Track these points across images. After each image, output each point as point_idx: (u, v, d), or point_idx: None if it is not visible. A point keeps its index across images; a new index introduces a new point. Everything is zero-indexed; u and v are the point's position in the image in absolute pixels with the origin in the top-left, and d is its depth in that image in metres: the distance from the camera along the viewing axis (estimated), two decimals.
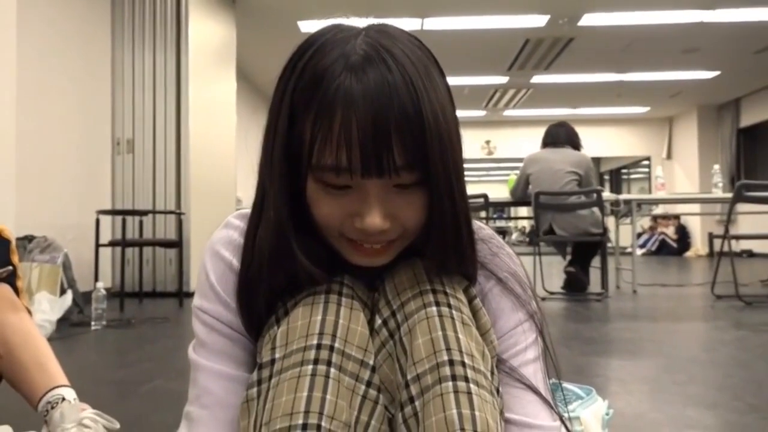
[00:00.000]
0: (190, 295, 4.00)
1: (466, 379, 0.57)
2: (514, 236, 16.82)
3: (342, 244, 0.63)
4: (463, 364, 0.58)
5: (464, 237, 0.62)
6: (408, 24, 6.09)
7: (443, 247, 0.62)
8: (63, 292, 3.26)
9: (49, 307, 2.92)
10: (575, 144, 4.35)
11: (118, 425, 1.16)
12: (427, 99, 0.56)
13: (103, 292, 3.13)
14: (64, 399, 1.15)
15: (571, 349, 2.41)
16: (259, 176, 0.64)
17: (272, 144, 0.62)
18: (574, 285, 4.39)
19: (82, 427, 1.10)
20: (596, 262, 4.41)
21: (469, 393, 0.56)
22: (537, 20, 6.18)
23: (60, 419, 1.10)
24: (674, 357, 2.29)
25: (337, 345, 0.59)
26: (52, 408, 1.13)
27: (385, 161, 0.55)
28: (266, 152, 0.63)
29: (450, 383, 0.56)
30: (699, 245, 10.29)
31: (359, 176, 0.56)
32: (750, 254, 8.98)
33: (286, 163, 0.61)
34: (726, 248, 3.87)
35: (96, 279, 3.67)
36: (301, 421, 0.55)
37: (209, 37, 5.10)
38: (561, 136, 4.35)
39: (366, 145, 0.55)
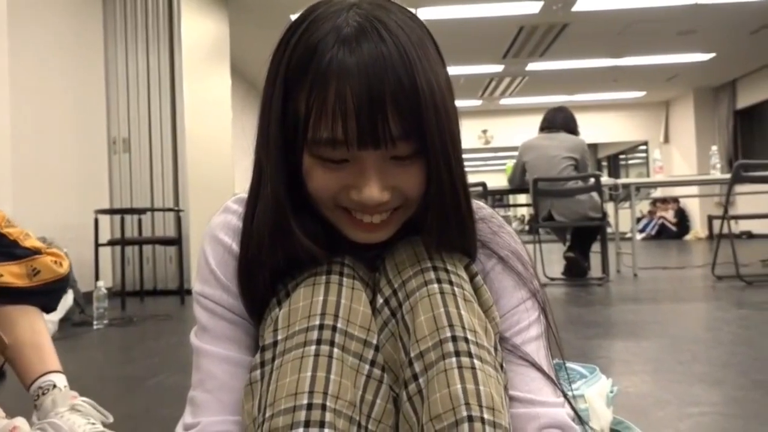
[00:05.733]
0: (191, 292, 3.99)
1: (470, 355, 0.57)
2: (514, 225, 16.80)
3: (340, 219, 0.62)
4: (466, 339, 0.57)
5: (463, 206, 0.62)
6: None
7: (443, 216, 0.61)
8: None
9: None
10: (571, 129, 4.33)
11: (111, 419, 1.16)
12: (421, 69, 0.56)
13: (104, 291, 3.13)
14: (55, 386, 1.15)
15: (574, 333, 2.42)
16: (255, 155, 0.63)
17: (268, 120, 0.61)
18: (574, 270, 4.39)
19: (75, 411, 1.10)
20: (596, 247, 4.41)
21: (473, 368, 0.56)
22: (531, 7, 6.15)
23: (52, 405, 1.11)
24: (677, 337, 2.29)
25: (339, 325, 0.59)
26: (43, 394, 1.14)
27: (380, 131, 0.55)
28: (262, 129, 0.62)
29: (454, 359, 0.56)
30: (698, 228, 10.29)
31: (355, 147, 0.56)
32: (749, 235, 8.98)
33: (282, 139, 0.61)
34: (726, 230, 3.87)
35: (96, 278, 3.66)
36: (305, 401, 0.54)
37: (202, 33, 5.07)
38: (557, 120, 4.34)
39: (361, 116, 0.54)
